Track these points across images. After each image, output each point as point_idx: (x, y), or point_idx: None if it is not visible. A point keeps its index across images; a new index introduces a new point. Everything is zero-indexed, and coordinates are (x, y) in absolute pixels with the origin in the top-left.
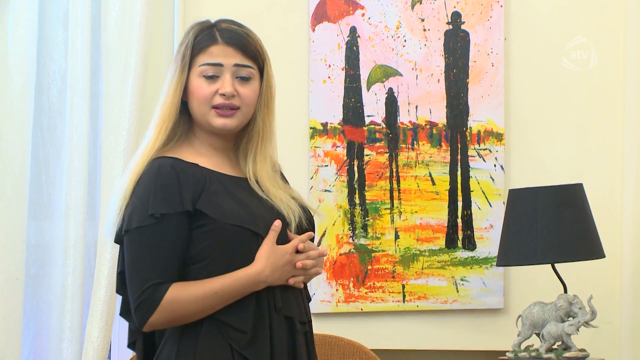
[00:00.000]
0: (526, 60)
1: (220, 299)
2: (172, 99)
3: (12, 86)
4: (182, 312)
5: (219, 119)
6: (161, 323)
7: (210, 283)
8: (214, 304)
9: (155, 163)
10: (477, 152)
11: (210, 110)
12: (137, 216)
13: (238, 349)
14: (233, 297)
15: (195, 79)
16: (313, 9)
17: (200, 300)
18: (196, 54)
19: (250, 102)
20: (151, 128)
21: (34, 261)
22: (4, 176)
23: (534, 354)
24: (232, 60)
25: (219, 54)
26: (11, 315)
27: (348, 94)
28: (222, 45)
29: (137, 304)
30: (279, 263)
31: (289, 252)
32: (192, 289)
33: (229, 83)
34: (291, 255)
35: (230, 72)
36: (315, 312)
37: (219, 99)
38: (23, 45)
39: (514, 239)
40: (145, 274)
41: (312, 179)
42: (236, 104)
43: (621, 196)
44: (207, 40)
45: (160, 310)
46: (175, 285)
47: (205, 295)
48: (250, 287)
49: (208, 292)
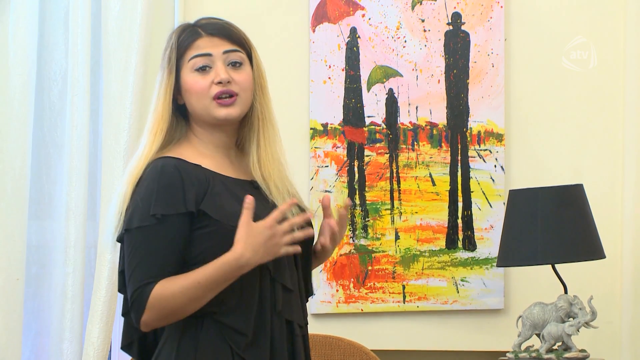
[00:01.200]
0: (526, 60)
1: (205, 288)
2: (163, 102)
3: (12, 86)
4: (170, 307)
5: (221, 109)
6: (154, 320)
7: (194, 274)
8: (200, 294)
9: (159, 163)
10: (478, 152)
11: (211, 102)
12: (139, 215)
13: (238, 351)
14: (219, 284)
15: (188, 75)
16: (313, 9)
17: (185, 291)
18: (183, 52)
19: (247, 87)
20: (145, 133)
21: (34, 261)
22: (4, 176)
23: (534, 355)
24: (220, 49)
25: (206, 45)
26: (12, 316)
27: (348, 94)
28: (207, 37)
29: (130, 303)
30: (259, 241)
31: (268, 226)
32: (176, 282)
33: (222, 70)
34: (271, 229)
35: (221, 60)
36: (315, 312)
37: (216, 88)
38: (23, 45)
39: (514, 240)
40: (139, 274)
41: (312, 179)
42: (234, 90)
43: (621, 197)
44: (191, 36)
45: (149, 308)
46: (161, 282)
47: (190, 286)
48: (235, 272)
49: (192, 283)
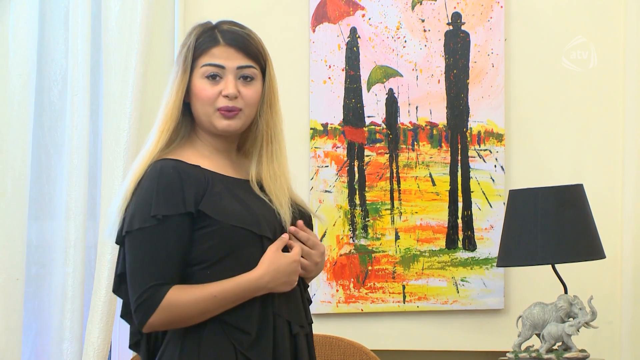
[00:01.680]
0: (526, 60)
1: (220, 302)
2: (174, 101)
3: (12, 86)
4: (180, 315)
5: (222, 120)
6: (160, 324)
7: (211, 287)
8: (212, 308)
9: (158, 165)
10: (478, 152)
11: (214, 112)
12: (139, 217)
13: (242, 349)
14: (233, 301)
15: (198, 81)
16: (313, 9)
17: (200, 303)
18: (198, 55)
19: (252, 103)
20: (154, 130)
21: (34, 261)
22: (4, 176)
23: (534, 355)
24: (234, 63)
25: (221, 55)
26: (12, 316)
27: (348, 94)
28: (223, 46)
29: (137, 304)
30: (284, 270)
31: (295, 259)
32: (192, 292)
33: (232, 84)
34: (298, 264)
35: (233, 74)
36: (315, 312)
37: (222, 102)
38: (24, 45)
39: (515, 240)
40: (146, 275)
41: (312, 179)
42: (239, 106)
43: (622, 197)
44: (209, 42)
45: (160, 311)
46: (176, 288)
47: (205, 299)
48: (251, 293)
49: (207, 295)
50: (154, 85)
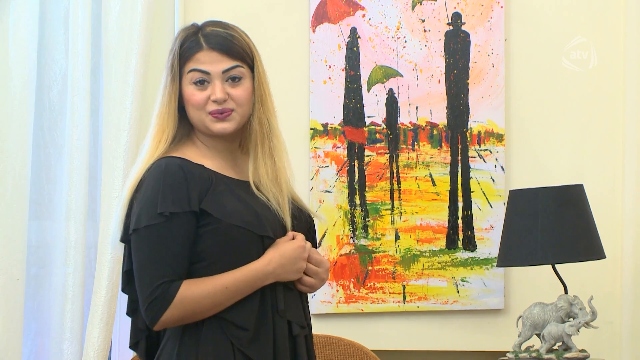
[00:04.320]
0: (526, 60)
1: (232, 293)
2: (167, 109)
3: (12, 86)
4: (194, 309)
5: (216, 123)
6: (173, 320)
7: (221, 278)
8: (224, 299)
9: (163, 162)
10: (478, 152)
11: (207, 116)
12: (146, 215)
13: (240, 346)
14: (243, 291)
15: (187, 87)
16: (313, 9)
17: (212, 296)
18: (184, 62)
19: (243, 102)
20: (148, 139)
21: (34, 261)
22: (4, 176)
23: (534, 355)
24: (219, 67)
25: (205, 60)
26: (12, 316)
27: (348, 94)
28: (207, 50)
29: (149, 302)
30: (289, 255)
31: (300, 245)
32: (203, 285)
33: (219, 89)
34: (303, 249)
35: (220, 78)
36: (315, 312)
37: (212, 106)
38: (24, 45)
39: (515, 240)
40: (155, 272)
41: (312, 179)
42: (229, 107)
43: (622, 197)
44: (193, 47)
45: (173, 307)
46: (187, 282)
47: (217, 291)
48: (260, 281)
49: (219, 287)
50: (154, 85)
